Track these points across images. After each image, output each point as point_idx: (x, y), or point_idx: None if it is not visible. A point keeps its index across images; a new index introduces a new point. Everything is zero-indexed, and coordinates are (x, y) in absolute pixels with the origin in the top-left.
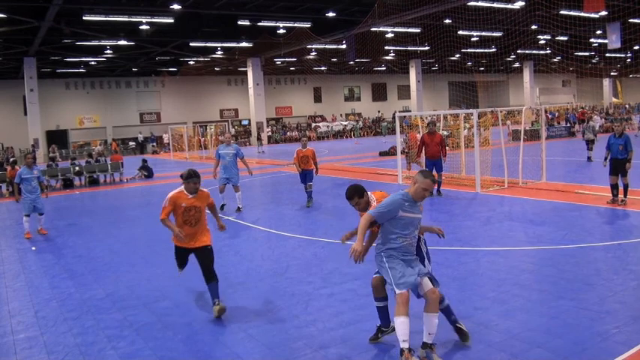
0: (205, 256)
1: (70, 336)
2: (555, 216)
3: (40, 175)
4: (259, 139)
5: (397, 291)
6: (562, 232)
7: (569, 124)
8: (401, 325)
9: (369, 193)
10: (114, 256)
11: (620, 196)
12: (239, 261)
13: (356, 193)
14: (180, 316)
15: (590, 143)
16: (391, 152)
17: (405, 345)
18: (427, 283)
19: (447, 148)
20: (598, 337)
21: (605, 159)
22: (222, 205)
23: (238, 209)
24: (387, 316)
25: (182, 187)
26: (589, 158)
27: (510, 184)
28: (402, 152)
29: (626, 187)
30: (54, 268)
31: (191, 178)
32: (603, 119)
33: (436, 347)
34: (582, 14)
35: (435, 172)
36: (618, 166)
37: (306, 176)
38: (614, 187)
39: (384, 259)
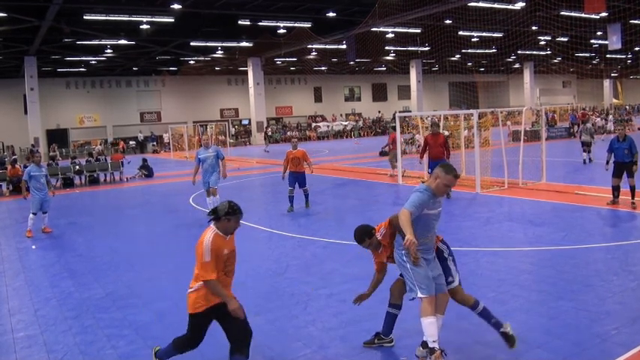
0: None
1: (69, 335)
2: (555, 217)
3: (47, 174)
4: (266, 137)
5: (420, 295)
6: (562, 232)
7: (569, 125)
8: (430, 325)
9: (376, 230)
10: (114, 256)
11: (623, 197)
12: (238, 261)
13: (365, 235)
14: (179, 316)
15: (586, 145)
16: None
17: (435, 345)
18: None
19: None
20: (597, 338)
21: (607, 162)
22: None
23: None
24: (392, 326)
25: (214, 229)
26: (585, 161)
27: (510, 184)
28: (382, 153)
29: (632, 188)
30: (54, 267)
31: (239, 213)
32: (603, 120)
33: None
34: (583, 15)
35: None
36: (624, 169)
37: (297, 179)
38: (616, 189)
39: (405, 258)
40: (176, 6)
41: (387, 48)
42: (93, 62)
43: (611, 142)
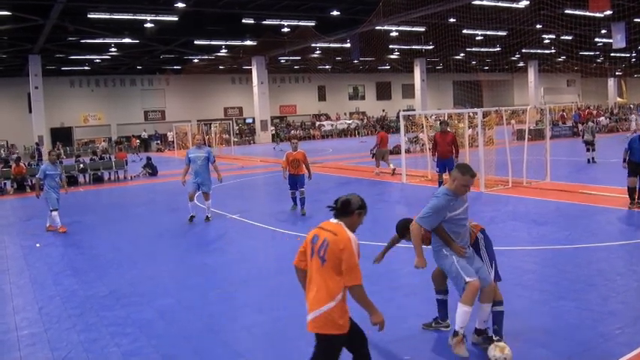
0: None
1: (73, 332)
2: (559, 216)
3: (62, 172)
4: (277, 136)
5: (467, 279)
6: (565, 232)
7: (572, 124)
8: (464, 314)
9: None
10: (117, 254)
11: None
12: (241, 259)
13: (407, 231)
14: (182, 314)
15: (589, 145)
16: (395, 151)
17: (461, 331)
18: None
19: (459, 147)
20: (600, 338)
21: (624, 160)
22: (192, 217)
23: (207, 219)
24: (446, 309)
25: (344, 225)
26: (588, 160)
27: (514, 183)
28: (373, 155)
29: None
30: (58, 265)
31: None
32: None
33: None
34: (587, 14)
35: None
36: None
37: (296, 182)
38: (633, 191)
39: (446, 253)
40: (180, 5)
41: (390, 47)
42: (97, 61)
43: (631, 140)
